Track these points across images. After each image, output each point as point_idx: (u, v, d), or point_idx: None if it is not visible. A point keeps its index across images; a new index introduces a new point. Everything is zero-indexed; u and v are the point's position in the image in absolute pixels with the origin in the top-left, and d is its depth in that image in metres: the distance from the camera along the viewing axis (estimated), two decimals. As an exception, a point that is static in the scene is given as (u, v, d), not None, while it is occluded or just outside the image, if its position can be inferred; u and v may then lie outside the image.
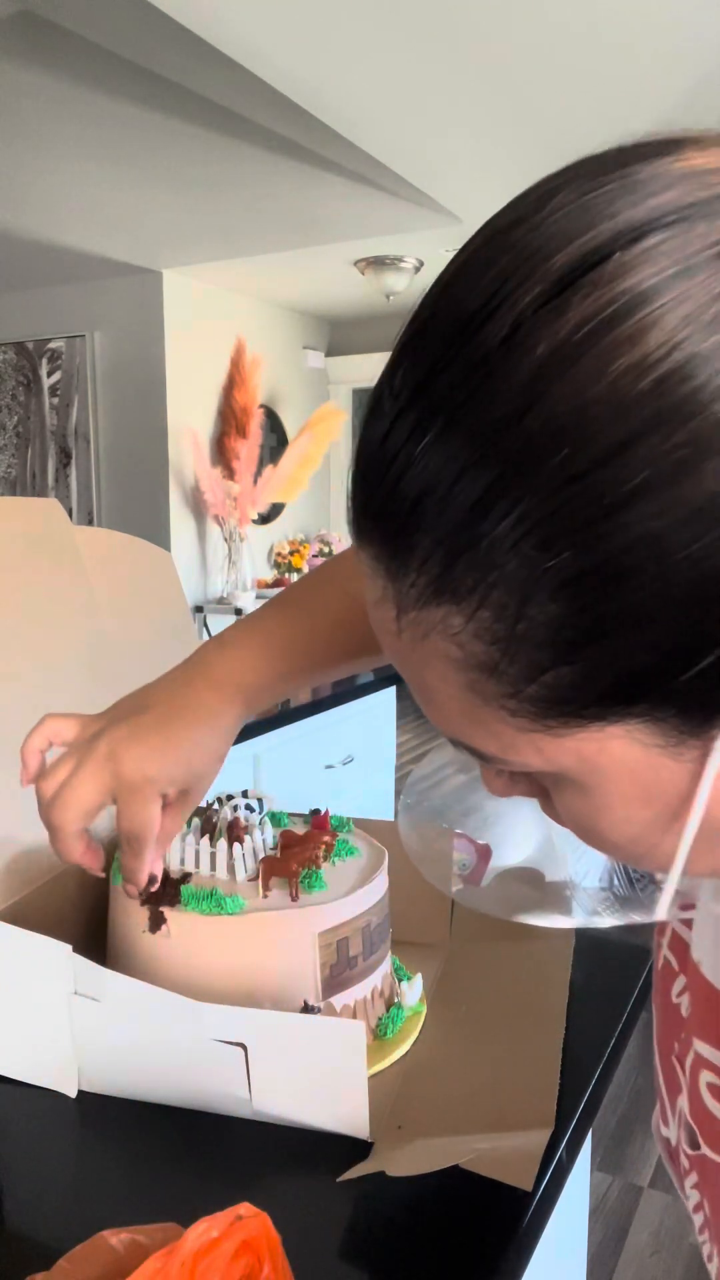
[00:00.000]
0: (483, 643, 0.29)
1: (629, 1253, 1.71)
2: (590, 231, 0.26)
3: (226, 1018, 0.59)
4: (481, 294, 0.27)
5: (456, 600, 0.28)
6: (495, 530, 0.27)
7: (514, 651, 0.28)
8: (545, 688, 0.29)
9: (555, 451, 0.26)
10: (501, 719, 0.30)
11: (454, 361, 0.27)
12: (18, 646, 0.80)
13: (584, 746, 0.30)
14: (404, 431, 0.28)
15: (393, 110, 2.52)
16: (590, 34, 2.11)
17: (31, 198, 3.35)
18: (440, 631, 0.29)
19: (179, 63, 2.22)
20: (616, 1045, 0.72)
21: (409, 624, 0.30)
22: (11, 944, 0.64)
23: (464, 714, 0.32)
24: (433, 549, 0.28)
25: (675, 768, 0.30)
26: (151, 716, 0.62)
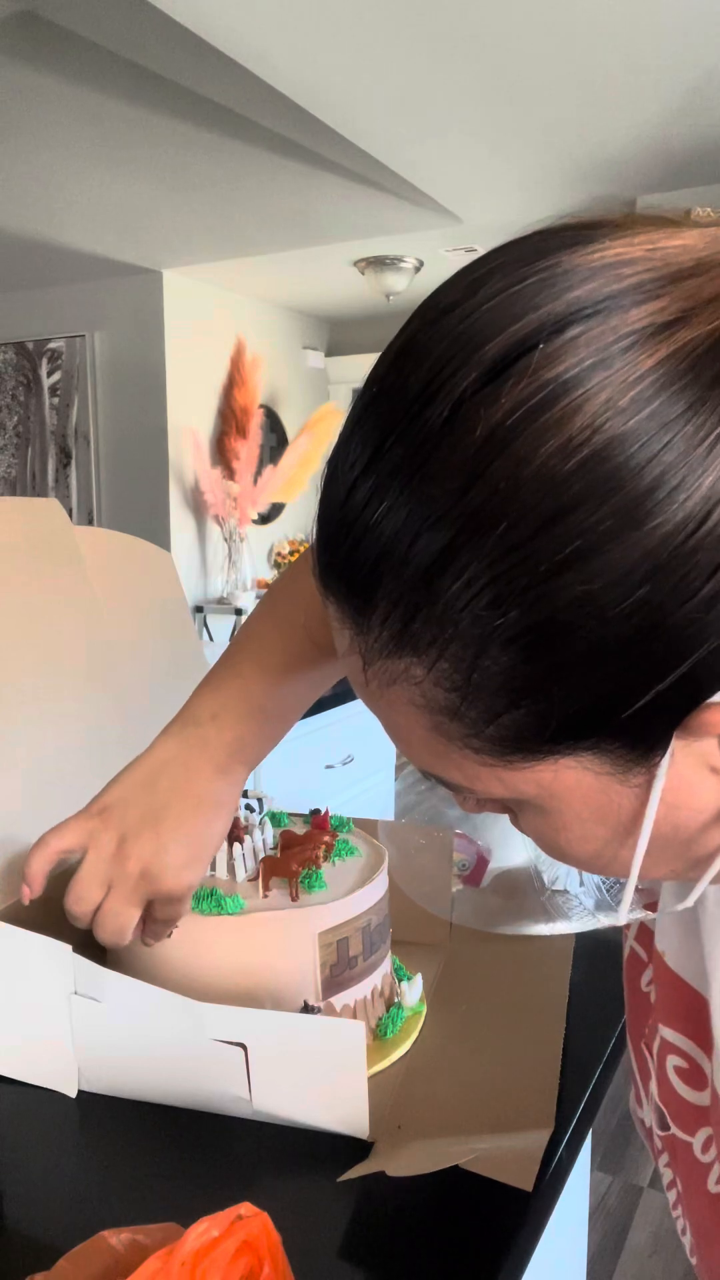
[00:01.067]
0: (443, 689, 0.32)
1: (629, 1253, 1.71)
2: (517, 323, 0.29)
3: (226, 1018, 0.59)
4: (422, 378, 0.30)
5: (417, 652, 0.31)
6: (449, 590, 0.29)
7: (472, 697, 0.31)
8: (502, 728, 0.32)
9: (497, 522, 0.28)
10: (465, 755, 0.33)
11: (402, 437, 0.30)
12: (18, 646, 0.80)
13: (541, 776, 0.33)
14: (361, 498, 0.31)
15: (393, 110, 2.52)
16: (590, 35, 2.11)
17: (31, 198, 3.35)
18: (404, 680, 0.32)
19: (179, 63, 2.22)
20: (616, 1045, 0.72)
21: (375, 673, 0.33)
22: (11, 944, 0.64)
23: (431, 751, 0.35)
24: (393, 606, 0.31)
25: (625, 791, 0.33)
26: (172, 818, 0.62)
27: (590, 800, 0.34)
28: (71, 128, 2.72)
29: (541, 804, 0.35)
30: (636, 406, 0.27)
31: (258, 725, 0.65)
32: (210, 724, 0.64)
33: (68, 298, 4.61)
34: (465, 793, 0.37)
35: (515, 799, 0.35)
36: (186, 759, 0.63)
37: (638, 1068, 0.53)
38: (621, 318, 0.28)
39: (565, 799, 0.34)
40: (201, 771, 0.63)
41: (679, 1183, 0.48)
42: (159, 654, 0.97)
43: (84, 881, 0.62)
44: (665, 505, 0.27)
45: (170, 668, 0.98)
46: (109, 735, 0.86)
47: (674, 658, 0.29)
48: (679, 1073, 0.46)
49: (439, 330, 0.31)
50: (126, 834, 0.62)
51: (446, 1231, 0.54)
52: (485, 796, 0.36)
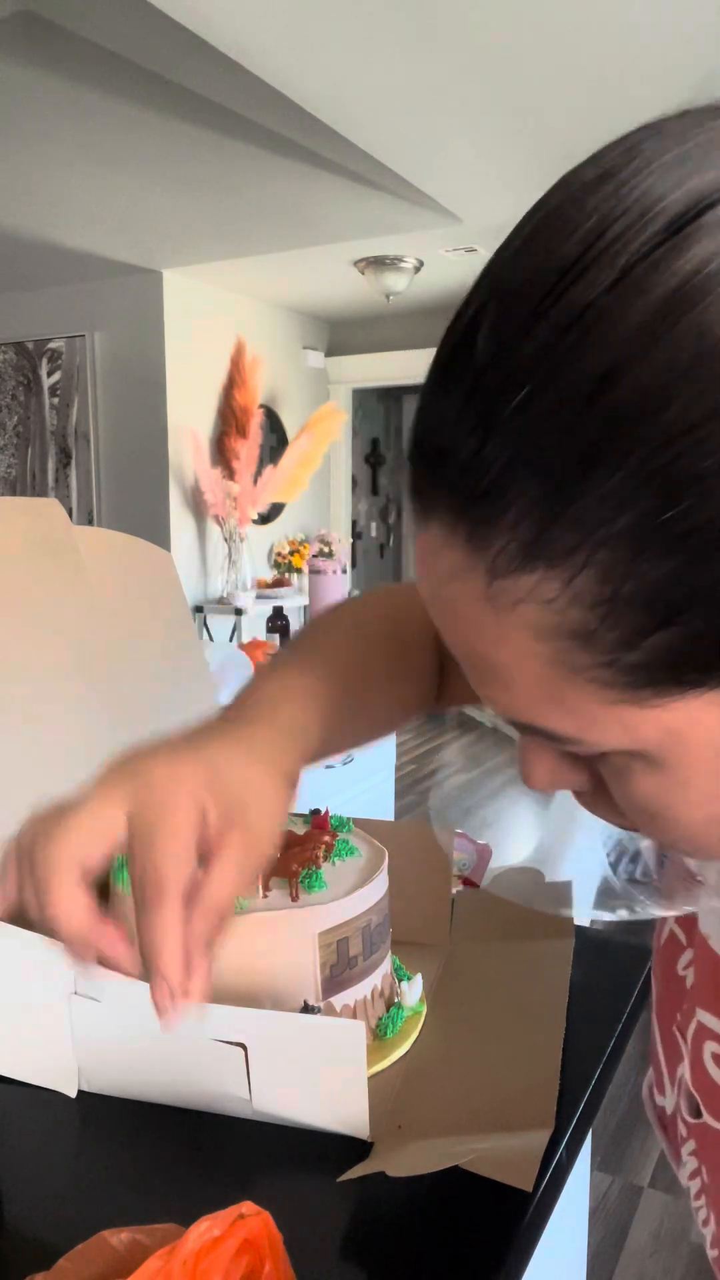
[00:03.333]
0: (580, 608, 0.27)
1: (629, 1253, 1.71)
2: (698, 177, 0.26)
3: (226, 1018, 0.59)
4: (579, 243, 0.26)
5: (552, 563, 0.27)
6: (607, 483, 0.25)
7: (616, 615, 0.26)
8: (646, 653, 0.27)
9: (676, 395, 0.25)
10: (587, 693, 0.29)
11: (550, 312, 0.26)
12: (18, 646, 0.80)
13: (674, 718, 0.29)
14: (488, 393, 0.27)
15: (393, 110, 2.52)
16: (590, 34, 2.11)
17: (31, 198, 3.35)
18: (530, 600, 0.28)
19: (179, 63, 2.22)
20: (616, 1045, 0.72)
21: (490, 596, 0.28)
22: (11, 944, 0.64)
23: (543, 692, 0.30)
24: (528, 510, 0.26)
25: None
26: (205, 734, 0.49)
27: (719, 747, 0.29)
28: (71, 128, 2.72)
29: (662, 756, 0.30)
30: None
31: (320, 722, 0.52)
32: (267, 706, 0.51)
33: (68, 298, 4.61)
34: (570, 746, 0.32)
35: (627, 753, 0.31)
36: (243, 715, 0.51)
37: (665, 1052, 0.52)
38: None
39: (695, 748, 0.30)
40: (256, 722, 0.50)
41: (704, 1172, 0.47)
42: (159, 654, 0.97)
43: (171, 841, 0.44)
44: None
45: (170, 668, 0.98)
46: (109, 735, 0.86)
47: None
48: (717, 1059, 0.45)
49: (595, 197, 0.27)
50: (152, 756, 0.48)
51: (446, 1231, 0.54)
52: (593, 749, 0.31)
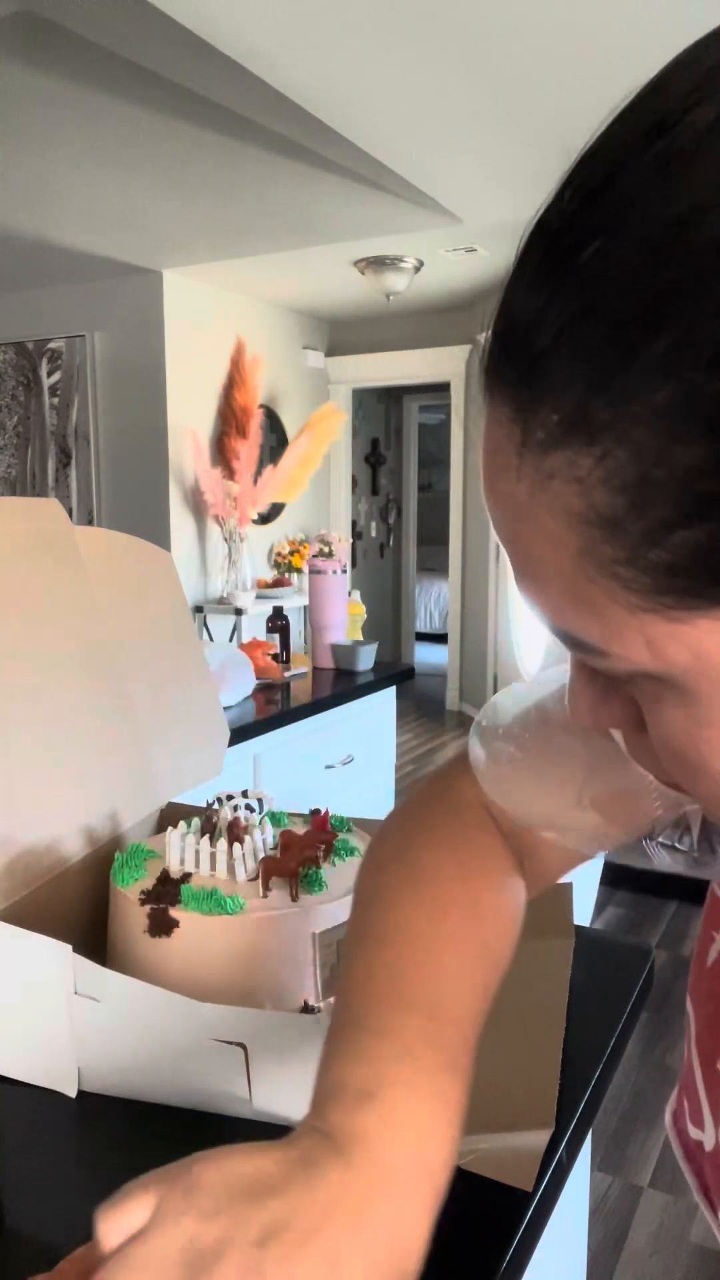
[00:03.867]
0: (609, 490, 0.25)
1: (629, 1253, 1.71)
2: None
3: (226, 1018, 0.59)
4: (682, 90, 0.25)
5: (590, 438, 0.25)
6: (649, 353, 0.23)
7: (644, 503, 0.25)
8: (669, 552, 0.25)
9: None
10: (612, 594, 0.27)
11: (640, 160, 0.24)
12: (17, 646, 0.80)
13: (703, 640, 0.27)
14: (559, 252, 0.25)
15: (393, 110, 2.52)
16: (591, 34, 2.11)
17: (31, 198, 3.35)
18: (565, 475, 0.26)
19: (179, 63, 2.22)
20: (616, 1045, 0.72)
21: (530, 469, 0.27)
22: (11, 944, 0.64)
23: (570, 589, 0.28)
24: (573, 378, 0.25)
25: None
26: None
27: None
28: (71, 128, 2.72)
29: (691, 685, 0.28)
30: None
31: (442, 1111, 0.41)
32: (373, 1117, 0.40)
33: (68, 298, 4.61)
34: (597, 659, 0.30)
35: (656, 678, 0.29)
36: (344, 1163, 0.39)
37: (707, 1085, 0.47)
38: None
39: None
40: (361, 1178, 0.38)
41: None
42: (159, 654, 0.97)
43: None
44: None
45: (170, 668, 0.98)
46: (109, 736, 0.86)
47: None
48: None
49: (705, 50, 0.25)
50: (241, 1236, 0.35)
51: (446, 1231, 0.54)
52: (621, 666, 0.29)
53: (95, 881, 0.80)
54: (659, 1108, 2.09)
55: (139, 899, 0.69)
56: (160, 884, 0.70)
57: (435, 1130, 0.40)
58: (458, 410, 5.55)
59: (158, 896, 0.68)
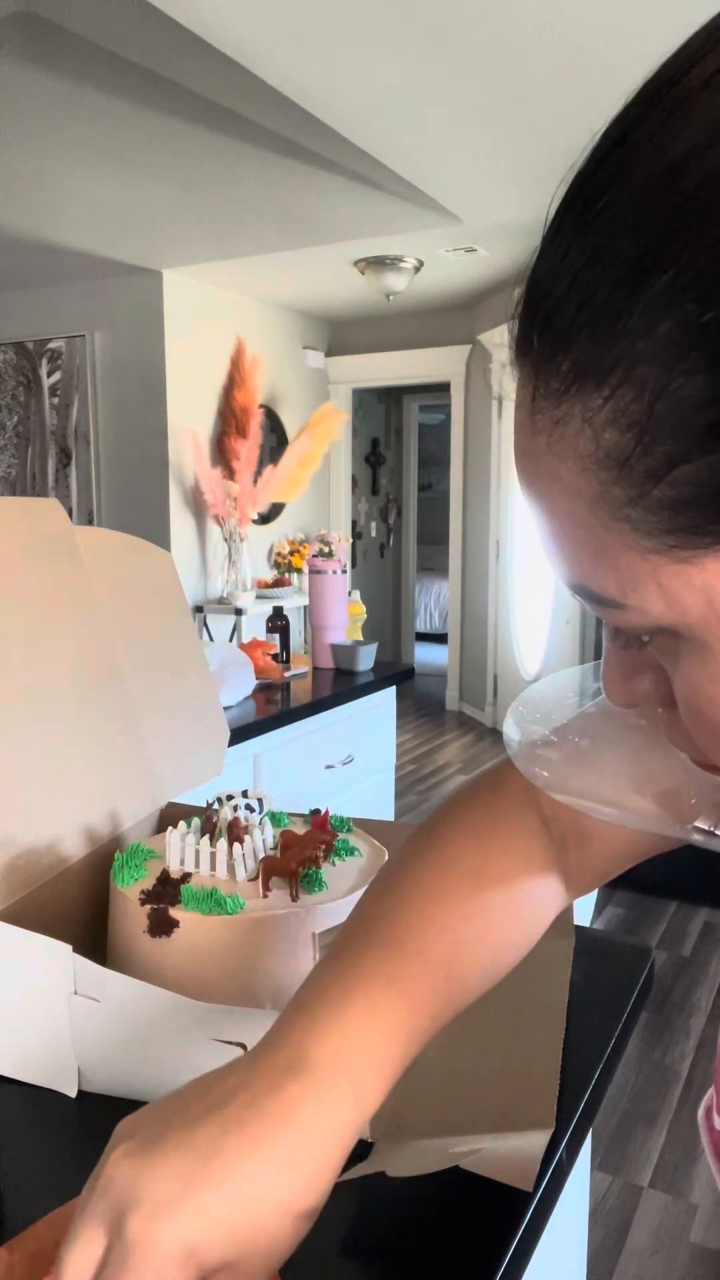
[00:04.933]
0: (617, 429, 0.26)
1: (629, 1253, 1.71)
2: None
3: (226, 1018, 0.59)
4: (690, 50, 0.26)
5: (599, 380, 0.26)
6: (651, 289, 0.25)
7: (650, 438, 0.26)
8: (673, 487, 0.26)
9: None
10: (624, 539, 0.28)
11: (647, 116, 0.26)
12: (17, 646, 0.80)
13: (712, 583, 0.27)
14: (576, 207, 0.27)
15: (393, 110, 2.52)
16: (590, 35, 2.11)
17: (32, 198, 3.35)
18: (577, 420, 0.27)
19: (179, 63, 2.22)
20: (616, 1045, 0.72)
21: (546, 419, 0.28)
22: (11, 944, 0.64)
23: (588, 538, 0.29)
24: (582, 324, 0.26)
25: None
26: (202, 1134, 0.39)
27: None
28: (71, 128, 2.72)
29: (705, 636, 0.29)
30: None
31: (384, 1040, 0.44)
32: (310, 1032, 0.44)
33: (68, 298, 4.61)
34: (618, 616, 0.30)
35: (675, 627, 0.29)
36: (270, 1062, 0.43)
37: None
38: None
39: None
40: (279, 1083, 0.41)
41: None
42: (159, 654, 0.97)
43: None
44: None
45: (170, 668, 0.98)
46: (109, 736, 0.86)
47: None
48: None
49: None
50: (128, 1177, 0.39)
51: (446, 1231, 0.54)
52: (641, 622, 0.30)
53: (95, 881, 0.80)
54: (659, 1108, 2.09)
55: (139, 899, 0.69)
56: (160, 884, 0.70)
57: (359, 1035, 0.43)
58: (458, 410, 5.55)
59: (158, 896, 0.68)
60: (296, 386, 5.36)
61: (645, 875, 3.13)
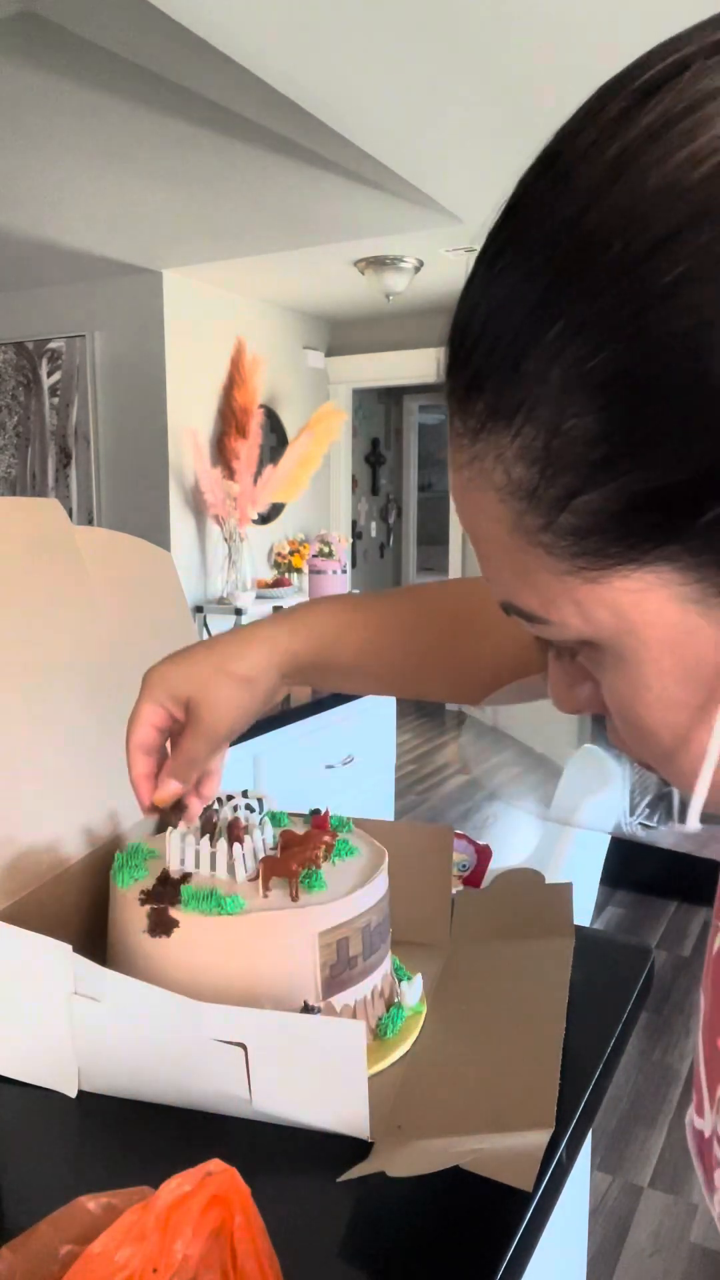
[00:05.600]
0: (525, 464, 0.29)
1: (629, 1253, 1.71)
2: (684, 49, 0.28)
3: (226, 1018, 0.59)
4: (577, 118, 0.29)
5: (508, 419, 0.29)
6: (545, 338, 0.28)
7: (552, 471, 0.29)
8: (576, 515, 0.29)
9: (607, 247, 0.26)
10: (541, 562, 0.31)
11: (537, 184, 0.29)
12: (17, 646, 0.80)
13: (621, 599, 0.30)
14: (484, 263, 0.30)
15: (392, 110, 2.52)
16: (589, 34, 2.11)
17: (31, 198, 3.35)
18: (492, 455, 0.30)
19: (179, 63, 2.22)
20: (616, 1045, 0.72)
21: (468, 454, 0.31)
22: (11, 944, 0.64)
23: (511, 561, 0.32)
24: (491, 370, 0.29)
25: (712, 635, 0.30)
26: (188, 650, 0.69)
27: (673, 644, 0.30)
28: (72, 128, 2.72)
29: (620, 648, 0.31)
30: None
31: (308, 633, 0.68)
32: (271, 616, 0.70)
33: (68, 298, 4.61)
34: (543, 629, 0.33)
35: (594, 639, 0.32)
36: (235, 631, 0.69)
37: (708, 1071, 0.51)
38: None
39: (646, 639, 0.31)
40: (235, 634, 0.68)
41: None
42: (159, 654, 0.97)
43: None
44: None
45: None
46: (109, 735, 0.86)
47: None
48: None
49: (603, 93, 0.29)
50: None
51: (446, 1232, 0.54)
52: (563, 635, 0.33)
53: (95, 881, 0.80)
54: (659, 1108, 2.09)
55: (139, 899, 0.69)
56: (160, 884, 0.70)
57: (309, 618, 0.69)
58: (458, 410, 5.54)
59: (158, 896, 0.68)
60: (296, 386, 5.35)
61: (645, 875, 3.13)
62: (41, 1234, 0.45)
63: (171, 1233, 0.42)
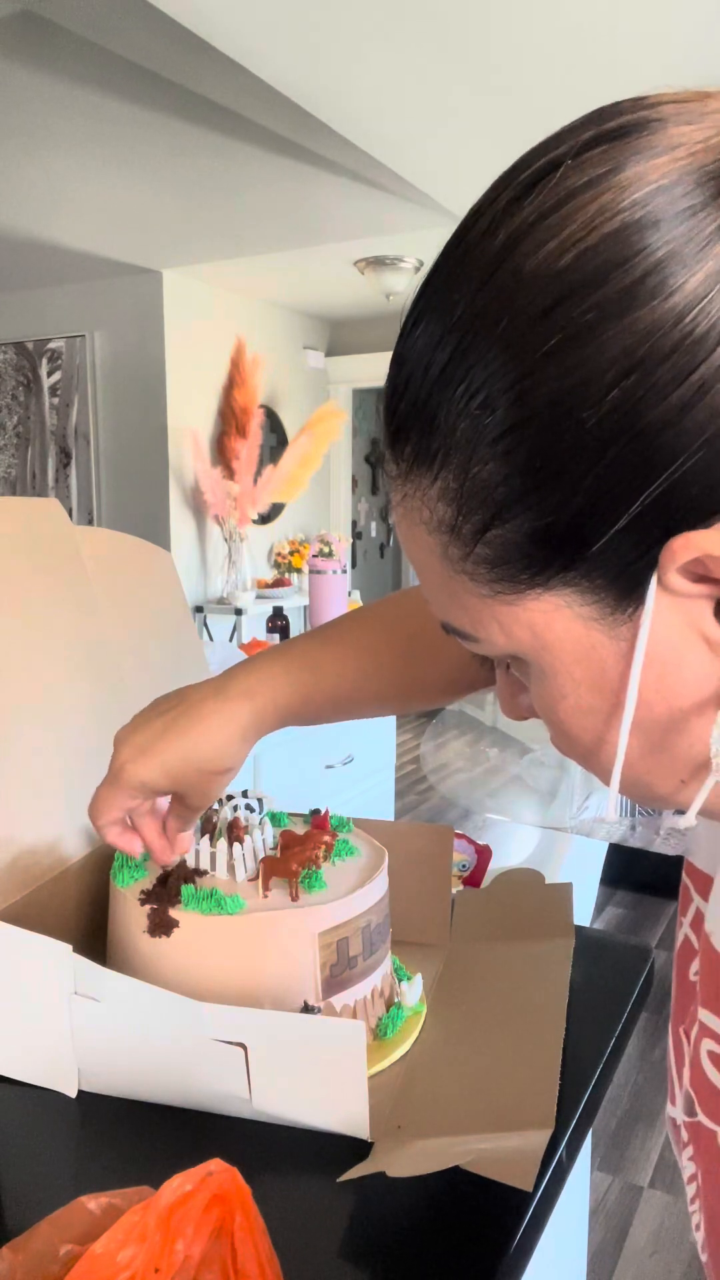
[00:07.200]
0: (445, 502, 0.34)
1: (629, 1253, 1.71)
2: (558, 148, 0.32)
3: (226, 1018, 0.59)
4: (480, 203, 0.34)
5: (429, 464, 0.34)
6: (454, 395, 0.32)
7: (467, 509, 0.33)
8: (489, 547, 0.33)
9: (496, 322, 0.31)
10: (466, 587, 0.35)
11: (444, 265, 0.34)
12: (17, 646, 0.80)
13: (534, 619, 0.34)
14: (410, 320, 0.35)
15: (392, 110, 2.52)
16: (590, 34, 2.11)
17: (31, 198, 3.35)
18: (418, 495, 0.35)
19: (179, 63, 2.22)
20: (616, 1045, 0.72)
21: (400, 494, 0.36)
22: (11, 944, 0.64)
23: (444, 586, 0.37)
24: (414, 422, 0.34)
25: (612, 648, 0.34)
26: (159, 723, 0.65)
27: (582, 657, 0.34)
28: (71, 128, 2.72)
29: (539, 662, 0.36)
30: (635, 209, 0.29)
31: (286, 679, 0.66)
32: (240, 666, 0.67)
33: (68, 298, 4.61)
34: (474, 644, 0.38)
35: (517, 654, 0.36)
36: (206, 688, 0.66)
37: (674, 1057, 0.53)
38: (647, 139, 0.31)
39: (559, 653, 0.35)
40: (205, 695, 0.65)
41: (700, 1175, 0.48)
42: (159, 654, 0.97)
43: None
44: (648, 299, 0.29)
45: (170, 668, 0.98)
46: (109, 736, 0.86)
47: (648, 470, 0.30)
48: (713, 1058, 0.46)
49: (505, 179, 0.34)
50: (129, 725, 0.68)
51: (446, 1231, 0.54)
52: (491, 650, 0.37)
53: (95, 881, 0.80)
54: (659, 1108, 2.09)
55: (139, 899, 0.69)
56: (160, 884, 0.70)
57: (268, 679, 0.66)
58: (458, 410, 5.54)
59: (158, 896, 0.68)
60: (296, 386, 5.35)
61: (645, 875, 3.13)
62: (42, 1234, 0.45)
63: (173, 1233, 0.42)
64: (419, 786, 4.53)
